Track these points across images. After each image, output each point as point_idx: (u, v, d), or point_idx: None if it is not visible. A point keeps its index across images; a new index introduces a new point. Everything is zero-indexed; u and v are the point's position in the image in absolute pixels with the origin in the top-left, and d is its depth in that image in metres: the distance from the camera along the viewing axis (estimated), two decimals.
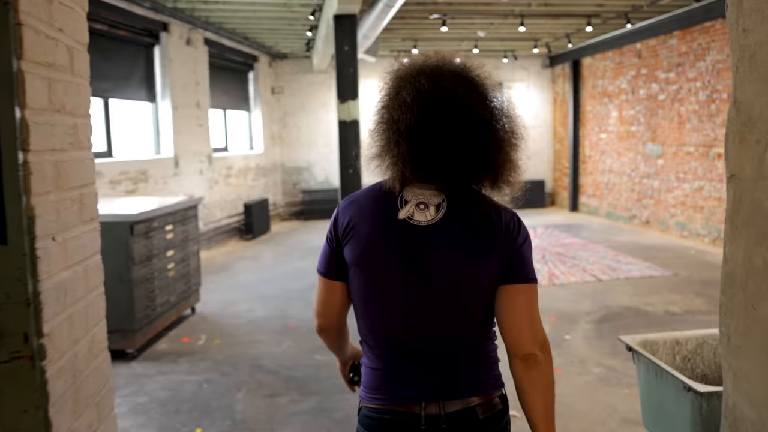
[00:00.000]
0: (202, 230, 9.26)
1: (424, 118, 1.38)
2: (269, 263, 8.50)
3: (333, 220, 1.54)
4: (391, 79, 1.48)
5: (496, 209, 1.46)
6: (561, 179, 13.73)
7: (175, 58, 8.61)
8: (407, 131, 1.39)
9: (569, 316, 5.60)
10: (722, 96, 8.43)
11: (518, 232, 1.45)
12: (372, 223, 1.45)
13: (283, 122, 13.02)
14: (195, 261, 5.97)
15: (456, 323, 1.45)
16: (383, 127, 1.45)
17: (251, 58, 11.69)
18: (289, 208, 13.16)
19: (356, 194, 1.55)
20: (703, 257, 8.00)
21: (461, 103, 1.38)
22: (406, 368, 1.46)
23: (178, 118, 8.68)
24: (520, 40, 11.31)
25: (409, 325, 1.45)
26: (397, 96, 1.43)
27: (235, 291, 6.91)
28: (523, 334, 1.41)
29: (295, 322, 5.70)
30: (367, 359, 1.53)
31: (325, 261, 1.54)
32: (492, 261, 1.41)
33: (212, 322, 5.79)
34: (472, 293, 1.43)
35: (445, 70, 1.43)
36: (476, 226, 1.43)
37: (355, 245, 1.46)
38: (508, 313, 1.43)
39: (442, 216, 1.42)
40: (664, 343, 2.41)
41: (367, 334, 1.51)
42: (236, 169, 10.80)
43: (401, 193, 1.44)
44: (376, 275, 1.45)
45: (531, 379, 1.42)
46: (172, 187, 8.45)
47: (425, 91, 1.39)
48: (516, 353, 1.42)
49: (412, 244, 1.41)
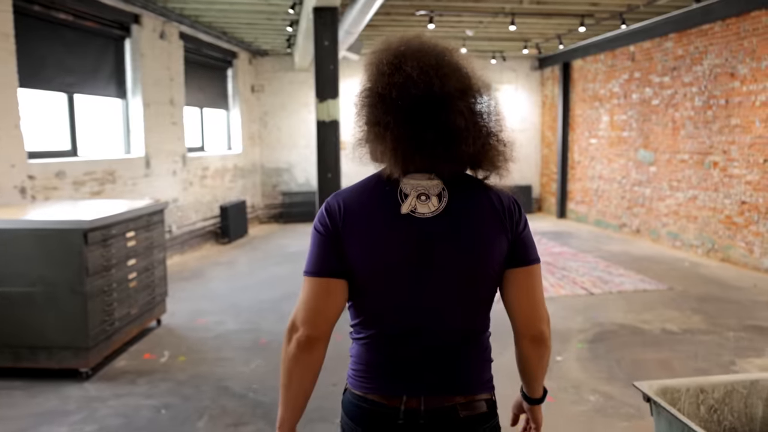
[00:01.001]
0: (175, 234, 8.82)
1: (417, 105, 1.35)
2: (244, 270, 8.07)
3: (325, 213, 1.44)
4: (380, 62, 1.42)
5: (495, 193, 1.44)
6: (548, 185, 13.40)
7: (148, 52, 8.16)
8: (402, 116, 1.36)
9: (560, 334, 5.23)
10: (719, 102, 8.12)
11: (519, 214, 1.46)
12: (374, 219, 1.40)
13: (263, 122, 12.57)
14: (161, 270, 5.53)
15: (462, 313, 1.44)
16: (374, 114, 1.40)
17: (230, 54, 11.24)
18: (269, 211, 12.72)
19: (346, 190, 1.47)
20: (697, 270, 7.68)
21: (452, 90, 1.36)
22: (397, 361, 1.44)
23: (149, 116, 8.23)
24: (509, 40, 10.97)
25: (415, 319, 1.42)
26: (388, 82, 1.37)
27: (205, 300, 6.48)
28: (534, 315, 1.45)
29: (266, 336, 5.28)
30: (360, 350, 1.50)
31: (321, 257, 1.42)
32: (499, 246, 1.42)
33: (178, 335, 5.36)
34: (481, 280, 1.43)
35: (431, 53, 1.40)
36: (480, 213, 1.42)
37: (357, 244, 1.40)
38: (517, 296, 1.45)
39: (445, 206, 1.40)
40: (687, 391, 2.04)
41: (365, 327, 1.48)
42: (213, 169, 10.35)
43: (399, 187, 1.41)
44: (383, 273, 1.41)
45: (539, 355, 1.49)
46: (142, 189, 7.99)
47: (416, 77, 1.35)
48: (525, 334, 1.47)
49: (420, 238, 1.39)
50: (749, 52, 7.63)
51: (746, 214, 7.72)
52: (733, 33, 7.89)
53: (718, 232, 8.21)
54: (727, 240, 8.04)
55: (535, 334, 1.47)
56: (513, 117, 13.41)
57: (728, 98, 7.98)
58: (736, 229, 7.90)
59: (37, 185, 5.98)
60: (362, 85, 1.45)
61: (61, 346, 4.31)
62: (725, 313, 5.79)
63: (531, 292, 1.46)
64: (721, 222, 8.17)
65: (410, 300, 1.42)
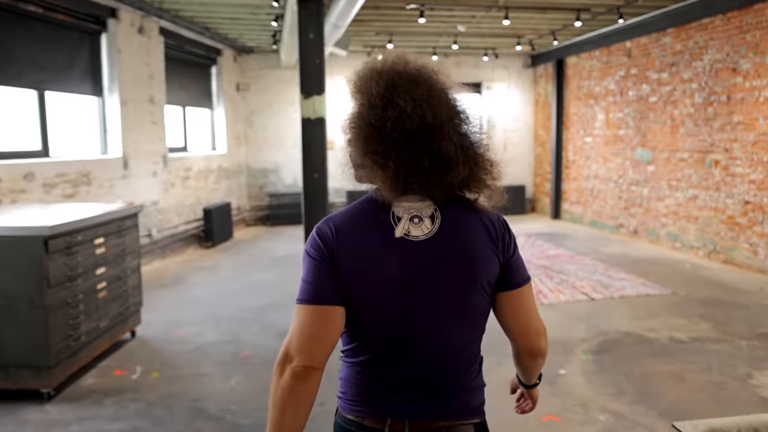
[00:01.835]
0: (155, 238, 8.43)
1: (412, 136, 1.35)
2: (228, 275, 7.70)
3: (317, 238, 1.41)
4: (370, 92, 1.38)
5: (486, 215, 1.46)
6: (542, 185, 13.10)
7: (125, 48, 7.77)
8: (399, 150, 1.35)
9: (562, 345, 4.90)
10: (720, 98, 7.83)
11: (509, 235, 1.48)
12: (368, 243, 1.38)
13: (248, 121, 12.19)
14: (135, 278, 5.17)
15: (454, 336, 1.44)
16: (369, 144, 1.37)
17: (214, 51, 10.85)
18: (255, 213, 12.34)
19: (339, 215, 1.45)
20: (699, 272, 7.38)
21: (443, 118, 1.37)
22: (387, 385, 1.43)
23: (128, 115, 7.84)
24: (502, 36, 10.65)
25: (407, 342, 1.41)
26: (381, 116, 1.36)
27: (185, 309, 6.11)
28: (531, 333, 1.49)
29: (248, 349, 4.92)
30: (350, 373, 1.48)
31: (316, 285, 1.38)
32: (491, 267, 1.42)
33: (153, 348, 5.00)
34: (475, 303, 1.43)
35: (421, 82, 1.38)
36: (473, 235, 1.42)
37: (351, 268, 1.38)
38: (514, 317, 1.48)
39: (438, 228, 1.39)
40: None
41: (358, 352, 1.46)
42: (196, 170, 9.96)
43: (392, 210, 1.40)
44: (378, 298, 1.39)
45: (537, 364, 1.55)
46: (120, 191, 7.61)
47: (409, 112, 1.34)
48: (525, 349, 1.51)
49: (414, 261, 1.38)
50: (752, 47, 7.34)
51: (750, 214, 7.42)
52: (735, 27, 7.60)
53: (720, 233, 7.92)
54: (730, 241, 7.75)
55: (536, 350, 1.51)
56: (505, 116, 13.10)
57: (730, 94, 7.69)
58: (739, 230, 7.60)
59: (3, 188, 5.60)
60: (352, 110, 1.42)
61: (19, 365, 3.93)
62: (734, 319, 5.48)
63: (525, 311, 1.48)
64: (723, 222, 7.87)
65: (403, 324, 1.40)
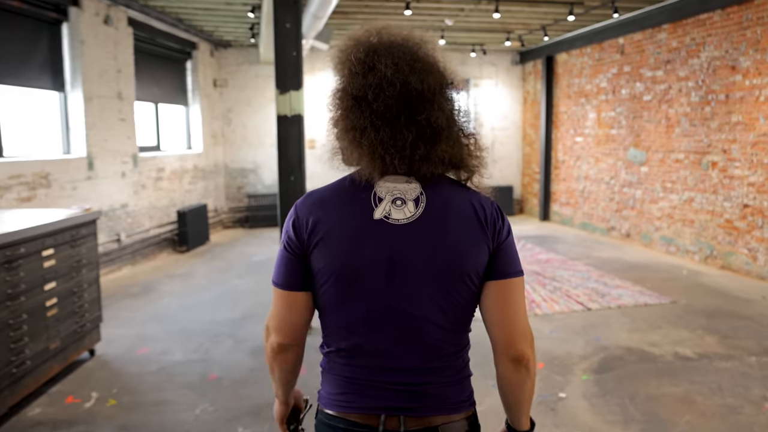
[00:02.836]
0: (124, 243, 7.95)
1: (394, 105, 1.28)
2: (201, 283, 7.23)
3: (291, 222, 1.36)
4: (350, 60, 1.35)
5: (477, 199, 1.36)
6: (531, 185, 12.74)
7: (90, 39, 7.27)
8: (379, 118, 1.28)
9: (560, 362, 4.52)
10: (719, 97, 7.49)
11: (502, 222, 1.37)
12: (345, 225, 1.31)
13: (226, 119, 11.70)
14: (93, 291, 4.70)
15: (437, 327, 1.34)
16: (349, 119, 1.32)
17: (189, 45, 10.35)
18: (233, 215, 11.86)
19: (318, 191, 1.37)
20: (697, 279, 7.03)
21: (430, 86, 1.29)
22: (373, 378, 1.35)
23: (93, 111, 7.35)
24: (491, 31, 10.26)
25: (388, 332, 1.33)
26: (362, 83, 1.31)
27: (152, 323, 5.65)
28: (515, 332, 1.33)
29: (218, 370, 4.48)
30: (330, 365, 1.41)
31: (285, 271, 1.37)
32: (479, 257, 1.32)
33: (113, 370, 4.53)
34: (458, 293, 1.33)
35: (405, 47, 1.32)
36: (460, 221, 1.32)
37: (325, 252, 1.31)
38: (497, 311, 1.34)
39: (422, 212, 1.31)
40: None
41: (335, 340, 1.39)
42: (169, 171, 9.47)
43: (374, 189, 1.32)
44: (353, 282, 1.31)
45: (520, 379, 1.36)
46: (84, 193, 7.12)
47: (390, 76, 1.28)
48: (505, 352, 1.34)
49: (393, 246, 1.29)
50: (753, 43, 7.00)
51: (749, 218, 7.09)
52: (734, 22, 7.26)
53: (717, 237, 7.58)
54: (728, 246, 7.42)
55: (516, 354, 1.33)
56: (493, 114, 12.72)
57: (729, 93, 7.35)
58: (737, 235, 7.27)
59: None
60: (333, 86, 1.38)
61: None
62: (740, 332, 5.13)
63: (511, 307, 1.34)
64: (720, 226, 7.54)
65: (382, 313, 1.32)
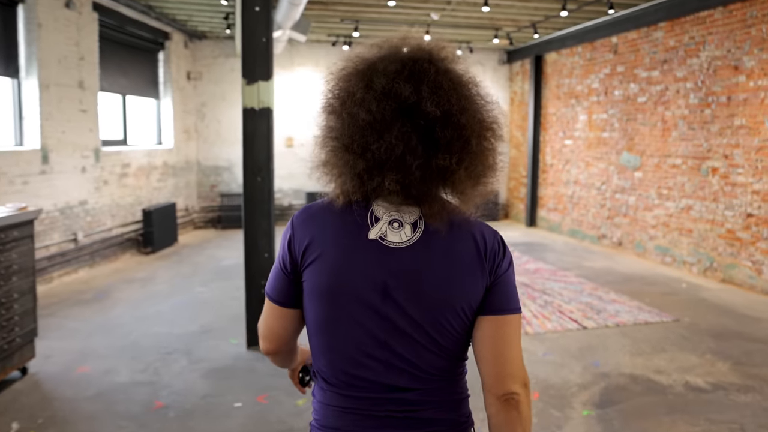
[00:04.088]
0: (82, 243, 7.34)
1: (390, 117, 1.20)
2: (161, 289, 6.65)
3: (287, 238, 1.31)
4: (350, 72, 1.27)
5: (479, 229, 1.29)
6: (517, 189, 12.27)
7: (48, 23, 6.67)
8: (374, 136, 1.20)
9: (557, 393, 4.01)
10: (720, 99, 7.05)
11: (503, 255, 1.30)
12: (339, 244, 1.26)
13: (200, 113, 11.10)
14: (27, 301, 4.12)
15: (428, 356, 1.26)
16: (338, 130, 1.25)
17: (162, 35, 9.74)
18: (205, 215, 11.25)
19: (316, 206, 1.33)
20: (698, 293, 6.57)
21: (437, 107, 1.20)
22: (370, 408, 1.28)
23: (50, 101, 6.75)
24: (478, 27, 9.77)
25: (378, 360, 1.26)
26: (359, 95, 1.22)
27: (99, 335, 5.07)
28: (506, 371, 1.24)
29: (166, 396, 3.91)
30: (321, 393, 1.34)
31: (277, 287, 1.33)
32: (475, 289, 1.25)
33: (44, 393, 3.95)
34: (450, 324, 1.25)
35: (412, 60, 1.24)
36: (458, 250, 1.25)
37: (318, 271, 1.26)
38: (489, 348, 1.25)
39: (419, 237, 1.25)
40: None
41: (325, 368, 1.32)
42: (135, 167, 8.86)
43: (371, 208, 1.26)
44: (343, 305, 1.25)
45: (510, 420, 1.23)
46: (37, 189, 6.52)
47: (393, 90, 1.20)
48: (495, 392, 1.24)
49: (385, 269, 1.23)
50: (758, 42, 6.56)
51: (753, 228, 6.65)
52: (737, 20, 6.82)
53: (718, 248, 7.13)
54: (729, 258, 6.97)
55: (505, 394, 1.22)
56: None
57: (731, 95, 6.91)
58: (740, 246, 6.82)
59: None
60: (329, 92, 1.29)
61: None
62: (754, 356, 4.66)
63: (504, 344, 1.24)
64: (721, 237, 7.09)
65: (370, 337, 1.25)
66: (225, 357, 4.60)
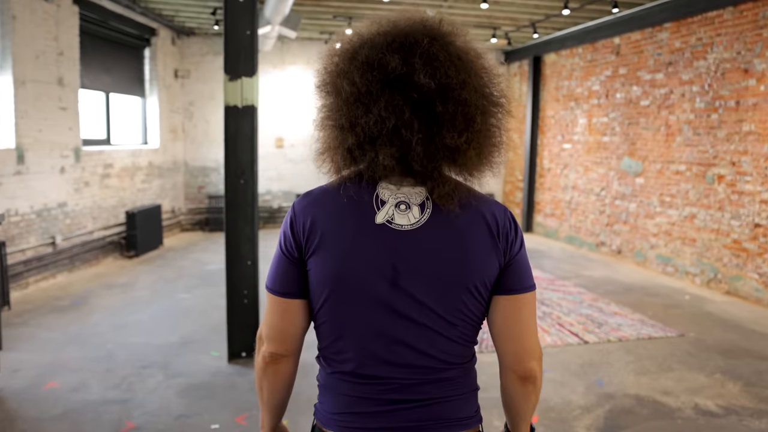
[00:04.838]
0: (60, 247, 7.01)
1: (389, 92, 1.16)
2: (142, 295, 6.33)
3: (289, 223, 1.26)
4: (345, 48, 1.23)
5: (489, 208, 1.24)
6: (513, 193, 11.99)
7: (24, 15, 6.35)
8: (361, 109, 1.16)
9: (558, 416, 3.72)
10: (728, 104, 6.78)
11: (515, 233, 1.26)
12: (345, 228, 1.21)
13: (188, 112, 10.77)
14: None
15: (442, 342, 1.24)
16: (328, 107, 1.22)
17: (148, 31, 9.42)
18: (192, 217, 10.92)
19: (318, 191, 1.27)
20: (703, 306, 6.30)
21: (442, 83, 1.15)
22: (375, 396, 1.25)
23: (25, 98, 6.42)
24: (476, 26, 9.48)
25: (390, 346, 1.22)
26: (342, 66, 1.20)
27: (72, 346, 4.75)
28: (525, 348, 1.26)
29: (138, 416, 3.61)
30: (329, 380, 1.29)
31: (280, 277, 1.27)
32: (489, 269, 1.22)
33: (6, 412, 3.64)
34: (464, 305, 1.23)
35: (418, 37, 1.18)
36: (469, 230, 1.21)
37: (324, 257, 1.21)
38: (506, 326, 1.26)
39: (428, 218, 1.21)
40: None
41: (333, 355, 1.27)
42: (119, 167, 8.53)
43: (376, 191, 1.22)
44: (352, 291, 1.21)
45: (527, 393, 1.30)
46: (11, 190, 6.20)
47: (397, 66, 1.15)
48: (514, 368, 1.27)
49: (395, 253, 1.20)
50: None
51: (761, 239, 6.38)
52: (748, 21, 6.55)
53: (723, 259, 6.87)
54: (735, 269, 6.70)
55: (524, 371, 1.26)
56: None
57: (740, 99, 6.64)
58: (747, 257, 6.56)
59: None
60: (327, 69, 1.24)
61: None
62: (765, 377, 4.37)
63: (522, 323, 1.25)
64: (726, 247, 6.82)
65: (381, 323, 1.22)
66: (204, 371, 4.30)
